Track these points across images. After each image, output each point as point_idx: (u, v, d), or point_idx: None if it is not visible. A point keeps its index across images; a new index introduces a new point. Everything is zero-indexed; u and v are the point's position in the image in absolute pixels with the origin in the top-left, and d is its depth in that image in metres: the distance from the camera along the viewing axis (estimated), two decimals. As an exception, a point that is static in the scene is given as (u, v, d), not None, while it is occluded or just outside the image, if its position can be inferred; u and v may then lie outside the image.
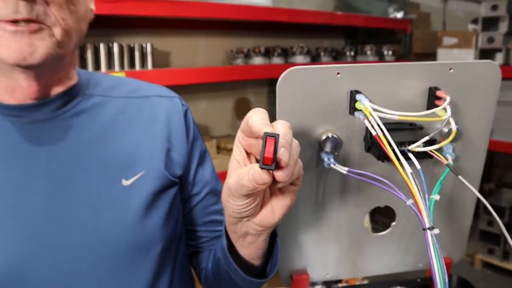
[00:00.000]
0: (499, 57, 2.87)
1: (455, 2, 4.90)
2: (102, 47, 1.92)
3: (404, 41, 3.31)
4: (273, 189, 0.53)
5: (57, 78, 0.65)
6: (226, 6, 2.25)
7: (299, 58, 2.71)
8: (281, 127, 0.47)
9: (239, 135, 0.51)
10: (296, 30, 3.18)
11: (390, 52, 3.17)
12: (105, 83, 0.73)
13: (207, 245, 0.80)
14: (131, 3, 1.84)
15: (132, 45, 2.06)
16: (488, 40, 2.90)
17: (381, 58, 3.15)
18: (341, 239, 0.66)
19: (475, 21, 3.10)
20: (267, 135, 0.44)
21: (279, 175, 0.46)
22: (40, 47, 0.56)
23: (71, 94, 0.67)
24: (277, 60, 2.65)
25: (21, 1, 0.53)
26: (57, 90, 0.66)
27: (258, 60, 2.61)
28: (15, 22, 0.54)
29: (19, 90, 0.62)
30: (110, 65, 1.95)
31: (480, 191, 0.60)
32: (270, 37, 3.02)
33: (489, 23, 2.93)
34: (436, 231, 0.47)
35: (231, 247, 0.62)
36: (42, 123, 0.64)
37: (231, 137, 2.68)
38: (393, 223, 0.66)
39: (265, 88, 3.12)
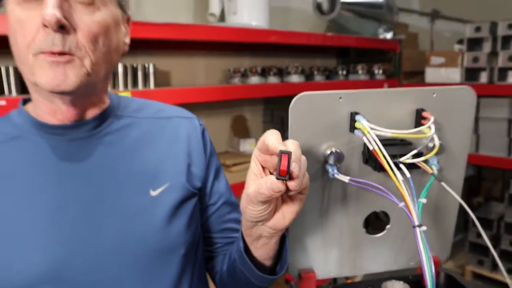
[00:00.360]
0: (484, 76, 3.01)
1: (442, 22, 5.10)
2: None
3: (394, 60, 3.44)
4: (284, 197, 0.63)
5: (91, 102, 0.74)
6: (224, 28, 2.36)
7: (294, 77, 2.81)
8: (292, 145, 0.57)
9: (256, 152, 0.60)
10: (290, 51, 3.31)
11: (381, 71, 3.29)
12: (132, 105, 0.82)
13: (221, 250, 0.89)
14: (134, 27, 1.94)
15: (135, 65, 2.16)
16: (473, 60, 3.05)
17: (371, 76, 3.27)
18: (343, 241, 0.76)
19: (460, 42, 3.26)
20: (282, 152, 0.54)
21: (292, 185, 0.56)
22: (72, 76, 0.65)
23: (104, 116, 0.77)
24: (272, 79, 2.75)
25: (57, 34, 0.62)
26: (92, 112, 0.75)
27: (254, 80, 2.70)
28: (52, 54, 0.63)
29: (59, 112, 0.71)
30: (114, 84, 2.05)
31: (469, 204, 0.69)
32: (266, 57, 3.15)
33: (474, 44, 3.09)
34: (424, 228, 0.57)
35: (246, 250, 0.71)
36: (80, 141, 0.73)
37: (228, 154, 2.78)
38: (388, 226, 0.76)
39: (261, 106, 3.23)
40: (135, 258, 0.71)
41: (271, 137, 0.57)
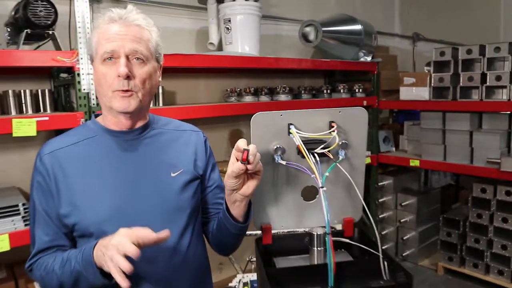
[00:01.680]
0: (449, 93, 3.44)
1: (423, 44, 5.57)
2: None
3: (373, 80, 3.88)
4: (248, 175, 1.07)
5: (139, 118, 1.20)
6: (221, 57, 2.80)
7: (283, 97, 3.23)
8: (251, 146, 1.01)
9: (234, 151, 1.04)
10: (280, 72, 3.76)
11: (361, 90, 3.73)
12: (161, 121, 1.28)
13: (213, 217, 1.32)
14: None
15: (148, 88, 2.60)
16: (439, 80, 3.49)
17: (352, 95, 3.71)
18: (289, 205, 1.20)
19: (429, 64, 3.71)
20: (244, 149, 0.99)
21: (249, 166, 1.00)
22: (132, 104, 1.11)
23: (145, 127, 1.22)
24: (264, 98, 3.17)
25: (125, 80, 1.08)
26: (139, 124, 1.20)
27: (248, 98, 3.13)
28: (122, 91, 1.09)
29: (120, 124, 1.17)
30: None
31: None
32: (258, 79, 3.60)
33: (440, 66, 3.54)
34: (324, 188, 1.00)
35: (228, 210, 1.15)
36: (131, 141, 1.18)
37: (226, 162, 3.19)
38: (317, 196, 1.20)
39: (255, 121, 3.67)
40: (161, 211, 1.15)
41: (241, 142, 1.02)
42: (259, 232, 1.25)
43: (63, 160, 1.13)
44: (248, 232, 1.42)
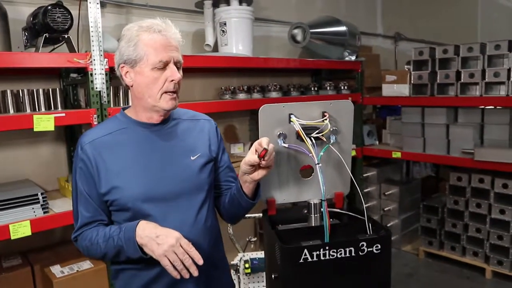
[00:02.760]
0: (427, 90, 3.72)
1: (405, 43, 5.87)
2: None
3: (357, 78, 4.14)
4: (260, 166, 1.29)
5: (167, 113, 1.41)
6: (217, 57, 3.02)
7: (274, 94, 3.45)
8: (270, 146, 1.23)
9: (256, 143, 1.26)
10: (271, 71, 3.99)
11: (346, 87, 3.98)
12: (179, 113, 1.49)
13: (224, 192, 1.54)
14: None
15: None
16: (418, 78, 3.76)
17: (338, 92, 3.96)
18: (290, 182, 1.43)
19: (409, 63, 3.98)
20: (264, 148, 1.21)
21: (262, 162, 1.24)
22: (176, 103, 1.34)
23: (168, 119, 1.43)
24: (256, 96, 3.39)
25: (176, 83, 1.30)
26: (164, 117, 1.41)
27: (241, 96, 3.33)
28: (171, 93, 1.31)
29: (152, 119, 1.38)
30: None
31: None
32: (251, 77, 3.83)
33: (419, 64, 3.81)
34: (320, 165, 1.24)
35: (240, 188, 1.38)
36: (156, 131, 1.40)
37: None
38: (312, 174, 1.43)
39: (247, 117, 3.89)
40: (184, 189, 1.37)
41: (265, 140, 1.24)
42: (258, 215, 1.48)
43: (100, 148, 1.34)
44: (247, 215, 1.67)
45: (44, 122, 2.14)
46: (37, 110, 2.43)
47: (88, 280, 2.36)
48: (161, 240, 1.20)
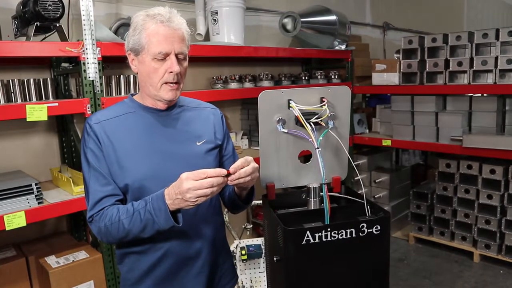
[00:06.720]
0: (417, 78, 3.76)
1: (393, 33, 5.92)
2: (122, 78, 2.68)
3: (347, 67, 4.17)
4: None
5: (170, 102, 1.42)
6: (209, 46, 3.02)
7: (265, 83, 3.47)
8: (250, 166, 1.23)
9: (243, 159, 1.25)
10: (262, 61, 4.00)
11: (336, 76, 4.01)
12: (185, 101, 1.50)
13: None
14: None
15: (143, 76, 2.81)
16: (408, 66, 3.81)
17: (328, 80, 3.99)
18: (288, 166, 1.45)
19: (398, 52, 4.02)
20: (227, 170, 1.20)
21: (228, 181, 1.23)
22: (177, 94, 1.35)
23: (174, 106, 1.44)
24: (248, 85, 3.40)
25: (176, 75, 1.30)
26: (169, 105, 1.42)
27: (233, 85, 3.34)
28: (172, 84, 1.31)
29: (157, 105, 1.38)
30: (129, 89, 2.70)
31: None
32: (243, 66, 3.83)
33: (408, 53, 3.85)
34: (319, 149, 1.26)
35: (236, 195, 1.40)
36: (163, 116, 1.40)
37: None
38: (311, 159, 1.46)
39: (239, 107, 3.90)
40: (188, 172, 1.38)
41: (249, 158, 1.24)
42: (257, 202, 1.50)
43: (108, 129, 1.35)
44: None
45: (37, 112, 2.12)
46: (28, 100, 2.40)
47: (84, 269, 2.36)
48: (181, 195, 1.19)
